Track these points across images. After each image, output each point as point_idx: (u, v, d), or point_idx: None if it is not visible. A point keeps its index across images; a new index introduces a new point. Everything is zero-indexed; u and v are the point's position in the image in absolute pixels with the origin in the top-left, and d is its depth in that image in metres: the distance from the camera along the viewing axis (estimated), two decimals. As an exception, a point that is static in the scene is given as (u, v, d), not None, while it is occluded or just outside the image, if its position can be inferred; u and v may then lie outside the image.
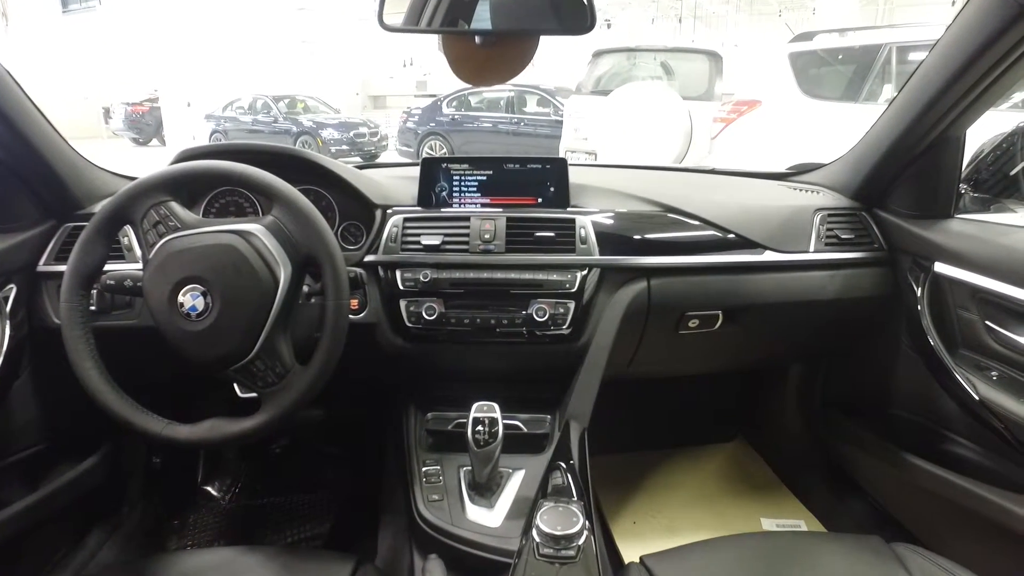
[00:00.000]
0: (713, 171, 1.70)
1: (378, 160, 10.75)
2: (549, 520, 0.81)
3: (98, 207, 1.24)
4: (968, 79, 1.06)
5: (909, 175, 1.30)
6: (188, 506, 1.67)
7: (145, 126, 14.64)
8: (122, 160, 1.47)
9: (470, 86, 8.36)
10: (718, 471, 1.89)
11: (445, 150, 9.35)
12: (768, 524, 1.64)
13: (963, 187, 1.29)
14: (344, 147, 10.87)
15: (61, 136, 1.23)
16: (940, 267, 1.23)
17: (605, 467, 1.78)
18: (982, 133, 1.29)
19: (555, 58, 8.59)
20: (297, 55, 16.39)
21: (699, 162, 5.10)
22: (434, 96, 10.60)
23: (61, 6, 16.23)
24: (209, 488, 1.72)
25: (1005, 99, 3.64)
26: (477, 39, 0.95)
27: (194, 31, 13.63)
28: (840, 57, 4.44)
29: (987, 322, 1.16)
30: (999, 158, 1.24)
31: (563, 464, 1.06)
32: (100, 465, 1.39)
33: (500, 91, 9.21)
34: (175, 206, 0.97)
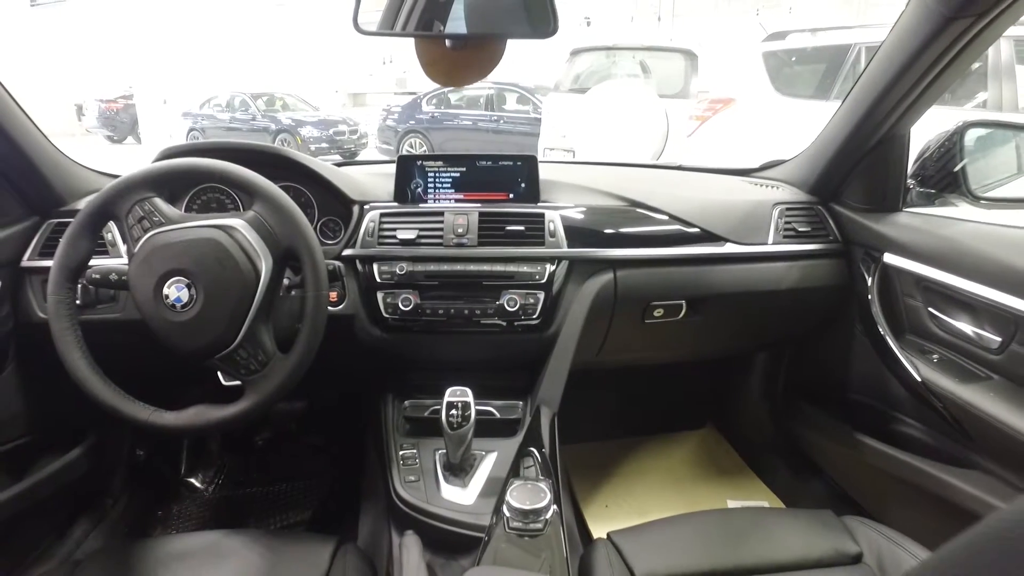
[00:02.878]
0: (680, 167, 1.76)
1: (358, 158, 10.73)
2: (519, 496, 0.87)
3: (81, 204, 1.28)
4: (906, 82, 1.14)
5: (860, 171, 1.38)
6: (172, 497, 1.71)
7: (120, 124, 14.42)
8: (97, 158, 1.49)
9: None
10: (688, 457, 1.96)
11: (425, 148, 9.37)
12: (733, 505, 1.72)
13: (911, 182, 1.36)
14: (323, 145, 10.82)
15: (43, 133, 1.26)
16: (889, 258, 1.31)
17: (579, 454, 1.85)
18: (934, 129, 1.36)
19: (534, 56, 8.64)
20: (276, 52, 16.25)
21: (675, 159, 5.18)
22: (414, 94, 10.59)
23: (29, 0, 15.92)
24: (192, 480, 1.75)
25: (969, 99, 3.73)
26: (448, 42, 1.00)
27: (170, 27, 13.47)
28: (811, 56, 4.54)
29: (930, 309, 1.24)
30: (943, 155, 1.31)
31: (534, 447, 1.12)
32: (84, 457, 1.42)
33: (480, 89, 9.24)
34: (159, 202, 1.01)
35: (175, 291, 0.96)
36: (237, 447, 1.84)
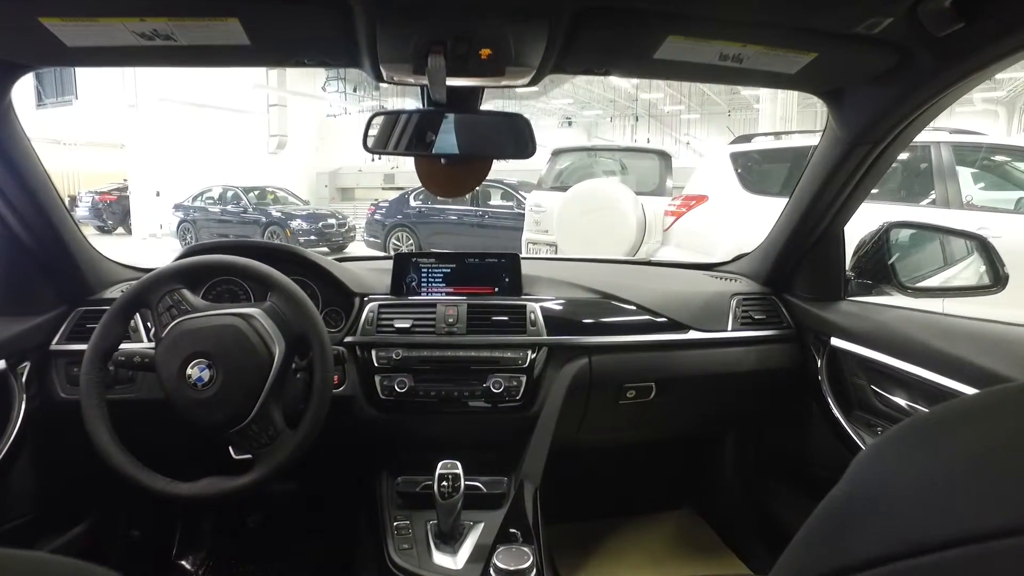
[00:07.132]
0: (649, 263, 1.94)
1: (346, 251, 10.99)
2: (504, 559, 0.97)
3: (107, 293, 1.41)
4: (830, 191, 1.34)
5: (806, 264, 1.56)
6: None
7: (112, 215, 14.81)
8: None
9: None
10: (667, 538, 2.02)
11: (412, 241, 9.62)
12: (710, 583, 1.78)
13: (851, 274, 1.54)
14: (312, 237, 11.09)
15: (79, 228, 1.40)
16: (836, 341, 1.46)
17: (561, 534, 1.91)
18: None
19: (517, 155, 9.08)
20: (268, 148, 16.90)
21: (652, 252, 5.44)
22: (401, 189, 10.98)
23: (36, 100, 16.59)
24: (183, 562, 1.78)
25: (924, 196, 4.07)
26: (443, 160, 1.18)
27: (167, 125, 14.06)
28: (775, 155, 4.91)
29: (872, 386, 1.38)
30: (875, 252, 1.49)
31: (518, 518, 1.21)
32: (85, 535, 1.47)
33: (465, 185, 9.60)
34: (186, 292, 1.14)
35: (197, 371, 1.08)
36: (229, 528, 1.88)
